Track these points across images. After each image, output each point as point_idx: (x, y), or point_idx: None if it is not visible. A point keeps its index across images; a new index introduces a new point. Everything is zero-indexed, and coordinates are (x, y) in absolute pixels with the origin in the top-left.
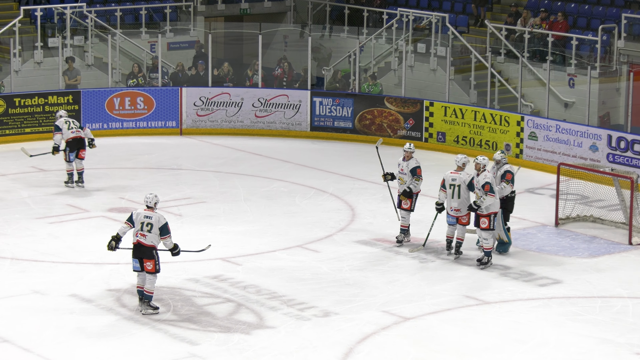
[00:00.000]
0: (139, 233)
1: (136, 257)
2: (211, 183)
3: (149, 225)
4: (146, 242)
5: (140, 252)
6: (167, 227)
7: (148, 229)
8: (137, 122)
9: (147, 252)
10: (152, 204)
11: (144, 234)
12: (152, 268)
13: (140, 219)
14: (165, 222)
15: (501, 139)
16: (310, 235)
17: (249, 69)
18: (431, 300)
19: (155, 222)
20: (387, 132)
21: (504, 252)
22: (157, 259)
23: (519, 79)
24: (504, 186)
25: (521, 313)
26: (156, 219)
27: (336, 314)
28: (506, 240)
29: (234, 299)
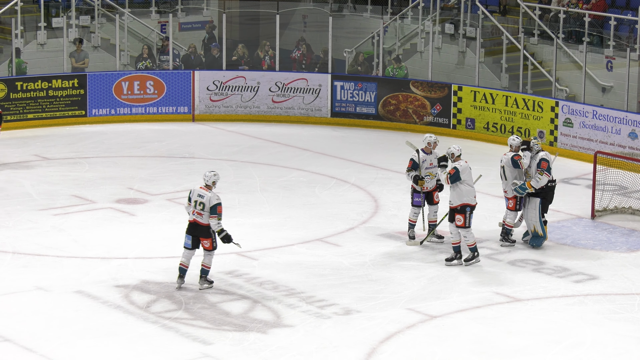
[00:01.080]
0: (195, 212)
1: (191, 234)
2: (225, 172)
3: (202, 204)
4: (202, 222)
5: (196, 231)
6: (216, 208)
7: (201, 208)
8: (146, 107)
9: (203, 231)
10: (210, 183)
11: (200, 212)
12: (210, 246)
13: (194, 196)
14: (216, 202)
15: (535, 125)
16: (331, 228)
17: (259, 50)
18: (459, 297)
19: (206, 201)
20: (412, 118)
21: (538, 247)
22: (214, 236)
23: (553, 62)
24: (537, 176)
25: (555, 311)
26: (207, 199)
27: (358, 311)
28: (541, 234)
29: (249, 296)
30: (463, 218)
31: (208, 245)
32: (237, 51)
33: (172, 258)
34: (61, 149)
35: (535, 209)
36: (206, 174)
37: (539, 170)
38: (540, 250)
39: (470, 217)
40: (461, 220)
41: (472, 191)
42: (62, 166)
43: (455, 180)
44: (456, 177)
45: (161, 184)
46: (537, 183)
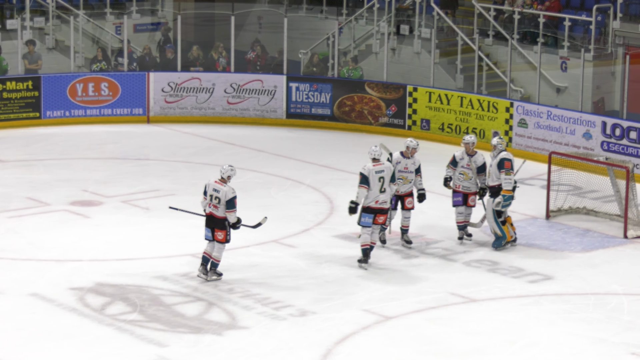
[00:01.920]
0: (211, 205)
1: (208, 226)
2: (181, 174)
3: (217, 199)
4: (218, 214)
5: (212, 223)
6: (233, 201)
7: (217, 202)
8: (101, 109)
9: (219, 223)
10: (226, 176)
11: (216, 205)
12: (223, 238)
13: (210, 190)
14: (232, 196)
15: (489, 126)
16: (287, 229)
17: (213, 51)
18: (415, 298)
19: (222, 196)
20: (367, 119)
21: (498, 247)
22: (229, 229)
23: (508, 63)
24: (505, 177)
25: (510, 311)
26: (223, 193)
27: (314, 313)
28: (500, 234)
29: (204, 298)
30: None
31: (222, 237)
32: (192, 53)
33: (128, 260)
34: (15, 151)
35: (490, 209)
36: (223, 167)
37: (503, 171)
38: (495, 251)
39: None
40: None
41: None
42: (16, 168)
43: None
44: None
45: (116, 185)
46: (510, 184)
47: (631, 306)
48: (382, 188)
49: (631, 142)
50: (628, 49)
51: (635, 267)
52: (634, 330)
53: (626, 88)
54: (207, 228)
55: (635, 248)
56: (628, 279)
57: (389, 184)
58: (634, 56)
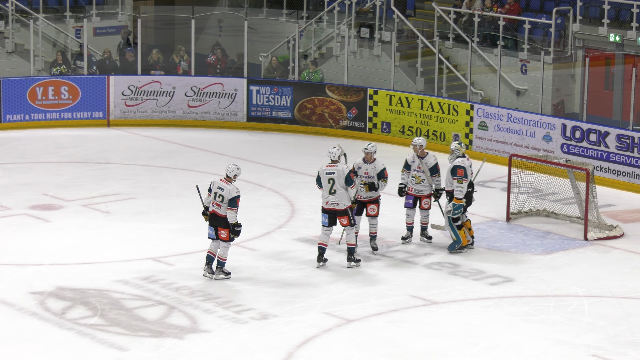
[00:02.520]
0: (214, 203)
1: (212, 225)
2: (141, 178)
3: (221, 197)
4: (221, 213)
5: (215, 221)
6: (235, 201)
7: (220, 200)
8: (61, 113)
9: (222, 221)
10: (232, 175)
11: (219, 204)
12: (226, 236)
13: (214, 188)
14: (235, 195)
15: (450, 129)
16: (248, 232)
17: (174, 54)
18: (376, 300)
19: (226, 194)
20: (328, 122)
21: (451, 250)
22: (232, 228)
23: (468, 65)
24: (457, 185)
25: (471, 313)
26: (227, 191)
27: (275, 316)
28: (454, 239)
29: (165, 302)
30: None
31: (225, 236)
32: (152, 56)
33: (88, 264)
34: None
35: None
36: (229, 166)
37: (455, 179)
38: (456, 254)
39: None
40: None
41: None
42: None
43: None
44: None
45: (76, 189)
46: (460, 193)
47: (592, 308)
48: (332, 189)
49: (591, 145)
50: (588, 52)
51: (596, 269)
52: (594, 332)
53: (586, 90)
54: (210, 227)
55: (596, 250)
56: (588, 281)
57: (347, 188)
58: (593, 58)
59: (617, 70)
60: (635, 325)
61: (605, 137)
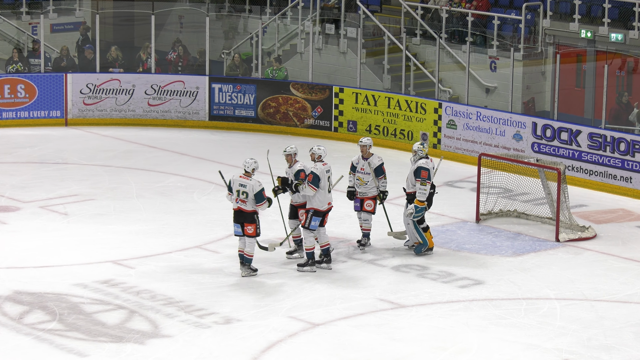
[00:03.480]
0: (239, 200)
1: (237, 222)
2: (100, 178)
3: (244, 193)
4: (247, 209)
5: (241, 218)
6: (261, 194)
7: (244, 196)
8: (17, 111)
9: (248, 217)
10: (250, 170)
11: (244, 200)
12: (253, 232)
13: (236, 186)
14: (259, 189)
15: (417, 127)
16: (210, 234)
17: (141, 51)
18: (342, 304)
19: (249, 190)
20: (293, 121)
21: (418, 253)
22: (258, 222)
23: (436, 63)
24: (420, 187)
25: (440, 317)
26: (250, 187)
27: (239, 320)
28: (421, 241)
29: (126, 306)
30: (305, 217)
31: (252, 231)
32: (111, 53)
33: (46, 267)
34: None
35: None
36: (246, 161)
37: (419, 180)
38: (425, 256)
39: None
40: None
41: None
42: None
43: (317, 185)
44: (316, 182)
45: (33, 190)
46: (423, 195)
47: (563, 311)
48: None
49: (562, 143)
50: (558, 48)
51: (567, 272)
52: (566, 335)
53: (557, 88)
54: (236, 224)
55: (567, 252)
56: (560, 283)
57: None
58: (564, 55)
59: (589, 67)
60: (608, 329)
61: (577, 135)
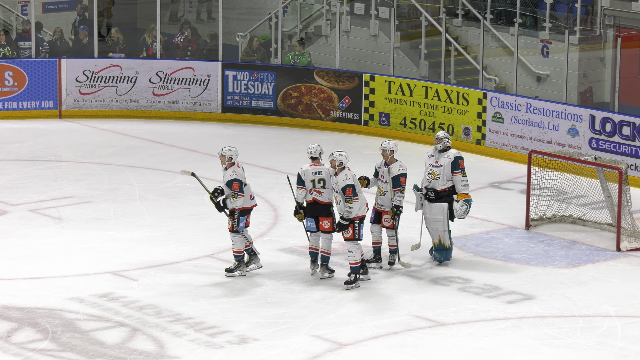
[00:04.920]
0: (314, 190)
1: (311, 215)
2: (98, 178)
3: (322, 181)
4: (322, 200)
5: (316, 211)
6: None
7: (321, 186)
8: (4, 102)
9: (323, 210)
10: (317, 155)
11: (319, 190)
12: (330, 226)
13: (309, 176)
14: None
15: (459, 121)
16: (223, 242)
17: (146, 34)
18: (373, 322)
19: (326, 175)
20: (317, 113)
21: (446, 260)
22: (335, 216)
23: (480, 47)
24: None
25: (485, 337)
26: (326, 173)
27: (255, 339)
28: (448, 245)
29: (127, 323)
30: (352, 229)
31: (328, 226)
32: (111, 36)
33: (36, 279)
34: None
35: (443, 215)
36: (311, 147)
37: (458, 172)
38: (467, 267)
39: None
40: (350, 231)
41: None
42: None
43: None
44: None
45: (23, 192)
46: (468, 187)
47: (625, 330)
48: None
49: (624, 139)
50: (619, 31)
51: (630, 285)
52: (628, 358)
53: (618, 76)
54: (309, 218)
55: (630, 262)
56: (621, 298)
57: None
58: (626, 39)
59: None
60: None
61: None
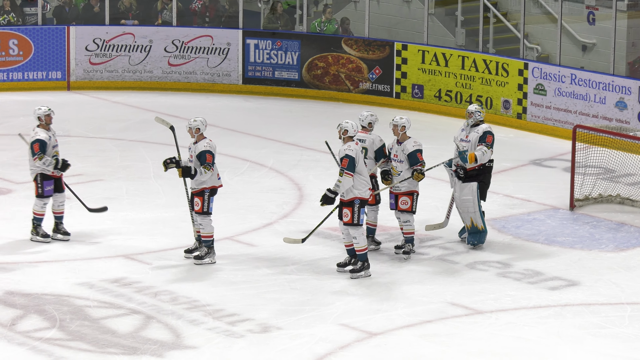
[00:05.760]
0: None
1: None
2: (110, 155)
3: (364, 149)
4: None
5: None
6: (383, 150)
7: (363, 154)
8: (9, 72)
9: None
10: (366, 124)
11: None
12: (372, 199)
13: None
14: (381, 144)
15: (498, 93)
16: (243, 224)
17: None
18: (405, 309)
19: (369, 145)
20: (345, 85)
21: (479, 244)
22: (377, 188)
23: (521, 14)
24: (485, 151)
25: (525, 326)
26: (370, 142)
27: (279, 328)
28: (481, 227)
29: (141, 310)
30: (350, 213)
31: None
32: (123, 1)
33: (43, 263)
34: None
35: (473, 195)
36: (362, 114)
37: (483, 145)
38: (506, 250)
39: (360, 212)
40: (348, 215)
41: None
42: None
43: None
44: (352, 166)
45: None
46: (484, 156)
47: None
48: None
49: None
50: None
51: None
52: None
53: None
54: None
55: None
56: None
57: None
58: None
59: None
60: None
61: None
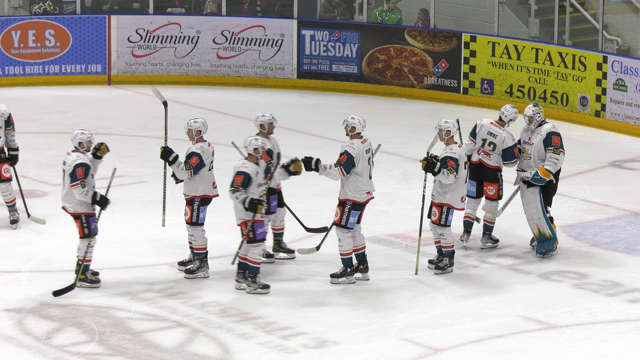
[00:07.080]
0: (482, 151)
1: (475, 179)
2: (154, 154)
3: (492, 144)
4: (490, 163)
5: (481, 174)
6: (513, 150)
7: (490, 148)
8: (45, 65)
9: (489, 175)
10: (507, 120)
11: (488, 152)
12: (494, 194)
13: (483, 133)
14: (512, 144)
15: (575, 89)
16: (298, 229)
17: None
18: (473, 323)
19: (499, 141)
20: (408, 79)
21: (549, 252)
22: (502, 183)
23: (599, 3)
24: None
25: (603, 341)
26: (501, 139)
27: (335, 343)
28: (549, 234)
29: (187, 323)
30: (340, 212)
31: (493, 193)
32: None
33: None
34: None
35: (535, 201)
36: (505, 108)
37: (550, 149)
38: (583, 260)
39: (350, 214)
40: (338, 214)
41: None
42: None
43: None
44: (349, 165)
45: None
46: (554, 166)
47: None
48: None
49: None
50: None
51: None
52: None
53: None
54: (471, 181)
55: None
56: None
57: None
58: None
59: None
60: None
61: None
